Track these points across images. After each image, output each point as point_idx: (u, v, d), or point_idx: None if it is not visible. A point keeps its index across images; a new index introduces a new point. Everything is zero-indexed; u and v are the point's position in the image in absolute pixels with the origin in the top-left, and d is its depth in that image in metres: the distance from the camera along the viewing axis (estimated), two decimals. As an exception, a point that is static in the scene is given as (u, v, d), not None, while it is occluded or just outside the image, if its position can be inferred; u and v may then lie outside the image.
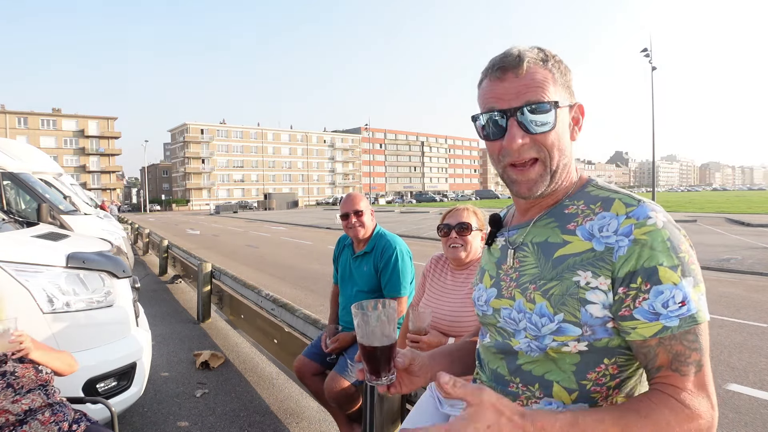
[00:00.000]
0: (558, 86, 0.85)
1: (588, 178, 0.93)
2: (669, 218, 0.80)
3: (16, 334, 1.75)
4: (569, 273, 0.81)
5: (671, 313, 0.75)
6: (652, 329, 0.76)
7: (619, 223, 0.79)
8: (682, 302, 0.75)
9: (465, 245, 1.89)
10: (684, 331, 0.75)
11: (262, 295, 4.30)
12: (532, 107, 0.82)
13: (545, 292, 0.84)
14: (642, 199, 0.82)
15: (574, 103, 0.88)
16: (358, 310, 0.88)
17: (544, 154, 0.84)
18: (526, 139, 0.83)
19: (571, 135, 0.88)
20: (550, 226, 0.89)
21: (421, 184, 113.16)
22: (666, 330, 0.75)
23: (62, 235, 3.19)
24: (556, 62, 0.86)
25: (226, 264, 10.02)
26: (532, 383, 0.87)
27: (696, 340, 0.76)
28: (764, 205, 32.39)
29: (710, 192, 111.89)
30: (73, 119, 71.50)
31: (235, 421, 3.22)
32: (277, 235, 20.58)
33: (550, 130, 0.83)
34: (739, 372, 4.07)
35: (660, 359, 0.77)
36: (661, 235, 0.77)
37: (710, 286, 7.56)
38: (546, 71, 0.84)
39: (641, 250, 0.76)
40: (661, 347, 0.77)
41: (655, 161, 27.87)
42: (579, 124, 0.90)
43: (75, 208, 7.14)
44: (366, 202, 2.68)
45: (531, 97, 0.82)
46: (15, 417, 1.65)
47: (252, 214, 47.80)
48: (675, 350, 0.76)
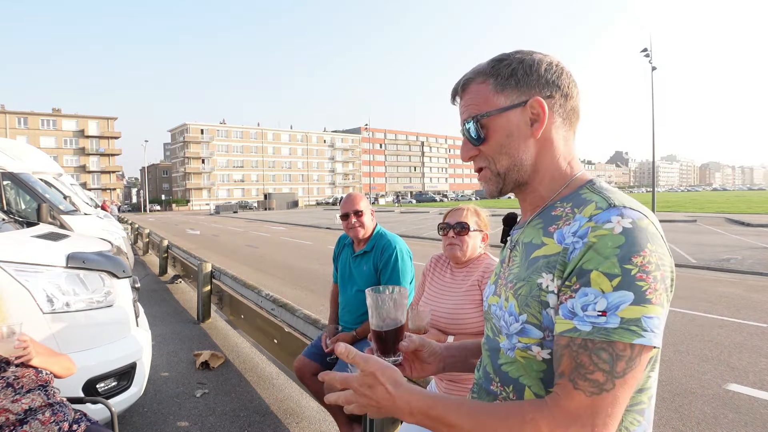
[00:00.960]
0: (496, 93, 0.87)
1: (588, 180, 0.89)
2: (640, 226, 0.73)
3: (21, 339, 1.76)
4: (535, 275, 0.81)
5: (587, 318, 0.70)
6: (563, 326, 0.73)
7: (580, 225, 0.77)
8: (602, 312, 0.69)
9: (462, 245, 1.92)
10: (598, 345, 0.69)
11: (262, 295, 4.30)
12: (467, 124, 0.90)
13: (515, 292, 0.85)
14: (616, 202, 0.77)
15: (525, 101, 0.86)
16: (372, 292, 0.95)
17: (488, 161, 0.91)
18: (473, 152, 0.92)
19: (533, 133, 0.87)
20: (537, 227, 0.88)
21: (421, 184, 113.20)
22: (576, 332, 0.71)
23: (62, 235, 3.19)
24: (501, 67, 0.87)
25: (226, 264, 10.02)
26: (508, 384, 0.87)
27: (610, 361, 0.68)
28: (764, 205, 32.40)
29: (710, 192, 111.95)
30: (73, 119, 71.52)
31: (235, 421, 3.22)
32: (277, 235, 20.58)
33: (485, 140, 0.89)
34: (739, 372, 4.07)
35: (563, 364, 0.72)
36: (612, 240, 0.71)
37: (710, 286, 7.53)
38: (481, 85, 0.89)
39: (587, 251, 0.73)
40: (567, 350, 0.72)
41: (655, 161, 27.88)
42: (540, 119, 0.86)
43: (75, 208, 7.14)
44: (366, 202, 2.68)
45: (465, 115, 0.91)
46: (15, 416, 1.65)
47: (252, 214, 47.81)
48: (580, 360, 0.70)
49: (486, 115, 0.87)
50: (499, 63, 0.88)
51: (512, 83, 0.87)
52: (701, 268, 9.41)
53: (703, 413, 3.34)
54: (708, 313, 5.97)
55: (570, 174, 0.90)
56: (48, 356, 1.88)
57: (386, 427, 2.15)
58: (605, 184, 0.87)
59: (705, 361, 4.36)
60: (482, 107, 0.88)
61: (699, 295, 6.86)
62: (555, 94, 0.87)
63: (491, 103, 0.88)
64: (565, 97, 0.88)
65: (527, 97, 0.86)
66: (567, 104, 0.88)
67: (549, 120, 0.87)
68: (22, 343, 1.75)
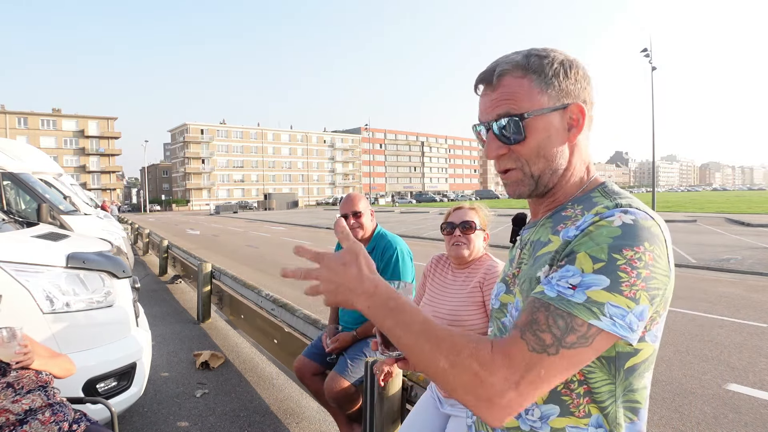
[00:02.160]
0: (540, 92, 0.84)
1: (601, 183, 0.90)
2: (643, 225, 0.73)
3: (22, 344, 1.76)
4: (537, 268, 0.83)
5: (557, 286, 0.72)
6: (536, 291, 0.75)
7: (585, 220, 0.78)
8: (573, 286, 0.71)
9: (468, 243, 1.89)
10: (559, 312, 0.70)
11: (262, 295, 4.30)
12: (502, 120, 0.84)
13: (521, 288, 0.86)
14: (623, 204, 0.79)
15: (566, 104, 0.85)
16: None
17: (521, 162, 0.86)
18: (502, 150, 0.86)
19: (568, 138, 0.86)
20: (546, 227, 0.89)
21: (421, 184, 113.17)
22: (542, 294, 0.73)
23: (62, 235, 3.19)
24: (544, 65, 0.84)
25: (226, 264, 10.02)
26: None
27: (564, 329, 0.69)
28: (764, 205, 32.40)
29: (710, 192, 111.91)
30: (73, 119, 71.52)
31: (235, 421, 3.22)
32: (277, 236, 20.58)
33: (523, 140, 0.84)
34: (739, 372, 4.07)
35: (520, 318, 0.74)
36: (608, 231, 0.73)
37: (710, 286, 7.53)
38: (522, 80, 0.84)
39: (582, 237, 0.75)
40: (529, 307, 0.74)
41: (655, 161, 27.88)
42: (579, 125, 0.86)
43: (75, 208, 7.14)
44: (365, 202, 2.68)
45: (501, 110, 0.84)
46: (15, 417, 1.65)
47: (252, 214, 47.80)
48: (536, 316, 0.71)
49: (532, 114, 0.83)
50: (541, 59, 0.84)
51: (556, 84, 0.84)
52: (701, 268, 9.41)
53: (703, 413, 3.34)
54: (708, 313, 5.97)
55: (587, 178, 0.91)
56: (48, 358, 1.89)
57: (386, 427, 2.15)
58: (617, 187, 0.88)
59: (705, 361, 4.36)
60: (525, 104, 0.83)
61: (699, 295, 6.86)
62: (587, 101, 0.87)
63: (535, 101, 0.83)
64: (591, 105, 0.88)
65: (569, 100, 0.85)
66: (591, 112, 0.89)
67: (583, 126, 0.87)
68: (23, 348, 1.75)
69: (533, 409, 0.85)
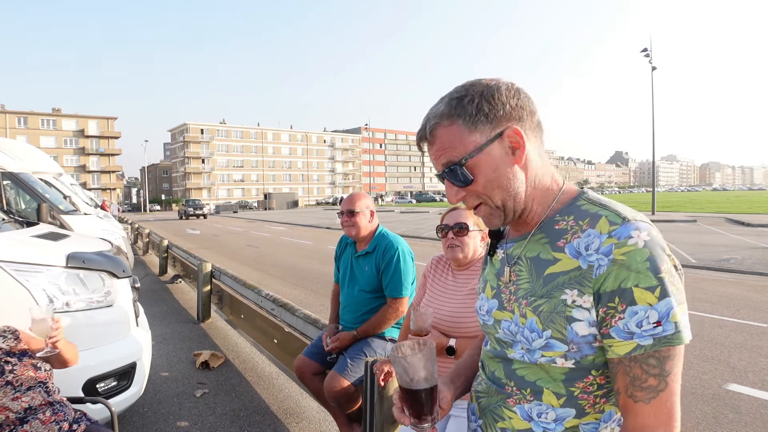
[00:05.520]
0: (470, 132, 0.85)
1: (578, 191, 0.92)
2: (654, 237, 0.79)
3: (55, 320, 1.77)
4: (558, 291, 0.83)
5: (645, 333, 0.75)
6: (626, 347, 0.77)
7: (601, 242, 0.79)
8: (657, 323, 0.75)
9: (463, 246, 1.87)
10: (647, 353, 0.75)
11: (262, 295, 4.30)
12: (447, 169, 0.88)
13: (535, 309, 0.86)
14: (627, 216, 0.81)
15: (501, 132, 0.86)
16: (397, 355, 0.87)
17: (482, 198, 0.89)
18: (461, 193, 0.90)
19: (514, 160, 0.87)
20: (541, 242, 0.89)
21: (421, 184, 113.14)
22: (640, 348, 0.76)
23: (62, 235, 3.19)
24: (465, 105, 0.85)
25: (226, 264, 10.02)
26: (525, 387, 0.90)
27: (658, 365, 0.76)
28: (764, 205, 32.40)
29: (710, 192, 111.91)
30: (73, 119, 71.50)
31: (235, 421, 3.22)
32: (277, 235, 20.57)
33: (473, 181, 0.87)
34: (739, 372, 4.07)
35: (618, 382, 0.79)
36: (640, 255, 0.76)
37: (710, 286, 7.52)
38: (450, 127, 0.86)
39: (619, 270, 0.77)
40: (620, 367, 0.78)
41: (655, 161, 27.87)
42: (521, 145, 0.86)
43: (75, 208, 7.14)
44: (366, 202, 2.64)
45: (443, 160, 0.89)
46: (15, 415, 1.65)
47: (252, 214, 47.79)
48: (633, 373, 0.77)
49: (468, 157, 0.86)
50: (461, 101, 0.86)
51: (482, 118, 0.85)
52: (701, 268, 9.40)
53: (703, 413, 3.34)
54: (708, 313, 5.97)
55: (557, 186, 0.92)
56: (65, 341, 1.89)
57: (386, 427, 2.15)
58: (596, 194, 0.91)
59: (705, 361, 4.36)
60: (460, 150, 0.86)
61: (699, 295, 6.85)
62: (523, 116, 0.88)
63: (468, 143, 0.86)
64: (531, 115, 0.89)
65: (501, 127, 0.86)
66: (533, 120, 0.89)
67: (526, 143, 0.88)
68: (56, 323, 1.76)
69: (547, 412, 0.86)
